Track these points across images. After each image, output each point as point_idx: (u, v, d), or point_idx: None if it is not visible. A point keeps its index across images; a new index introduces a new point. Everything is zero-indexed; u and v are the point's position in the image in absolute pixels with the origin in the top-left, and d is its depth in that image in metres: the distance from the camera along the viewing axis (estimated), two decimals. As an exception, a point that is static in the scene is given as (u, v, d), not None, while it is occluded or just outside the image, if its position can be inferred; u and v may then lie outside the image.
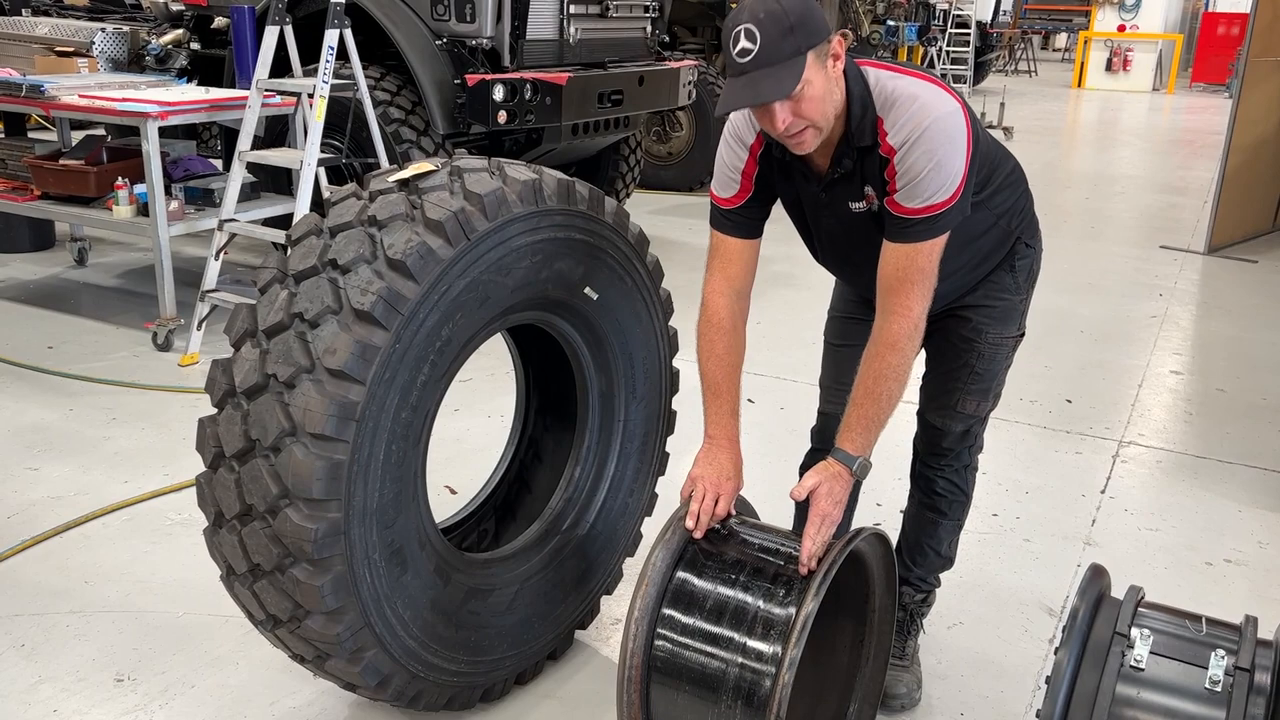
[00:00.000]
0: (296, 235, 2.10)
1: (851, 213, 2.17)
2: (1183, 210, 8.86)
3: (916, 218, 2.03)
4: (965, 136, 2.03)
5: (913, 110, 2.01)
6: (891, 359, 2.08)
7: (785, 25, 1.89)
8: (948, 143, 2.00)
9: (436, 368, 2.06)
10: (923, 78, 2.08)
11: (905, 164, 2.01)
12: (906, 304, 2.06)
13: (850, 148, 2.08)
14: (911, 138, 2.00)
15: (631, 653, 2.02)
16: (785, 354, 4.81)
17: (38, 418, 4.00)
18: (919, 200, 2.02)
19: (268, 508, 1.95)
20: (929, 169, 2.00)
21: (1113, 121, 15.79)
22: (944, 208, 2.03)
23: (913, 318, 2.07)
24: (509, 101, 5.24)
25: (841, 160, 2.10)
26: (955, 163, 2.01)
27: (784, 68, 1.90)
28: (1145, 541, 3.42)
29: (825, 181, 2.15)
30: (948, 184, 2.01)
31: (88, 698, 2.49)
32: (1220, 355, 5.35)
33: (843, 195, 2.16)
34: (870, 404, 2.10)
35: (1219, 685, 1.70)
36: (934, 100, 2.02)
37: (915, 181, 2.01)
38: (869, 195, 2.13)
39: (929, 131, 1.99)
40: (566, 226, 2.26)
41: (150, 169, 4.56)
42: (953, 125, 2.01)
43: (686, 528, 2.11)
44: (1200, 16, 21.26)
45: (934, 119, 2.00)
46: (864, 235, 2.20)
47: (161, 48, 6.01)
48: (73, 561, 3.05)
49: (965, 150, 2.03)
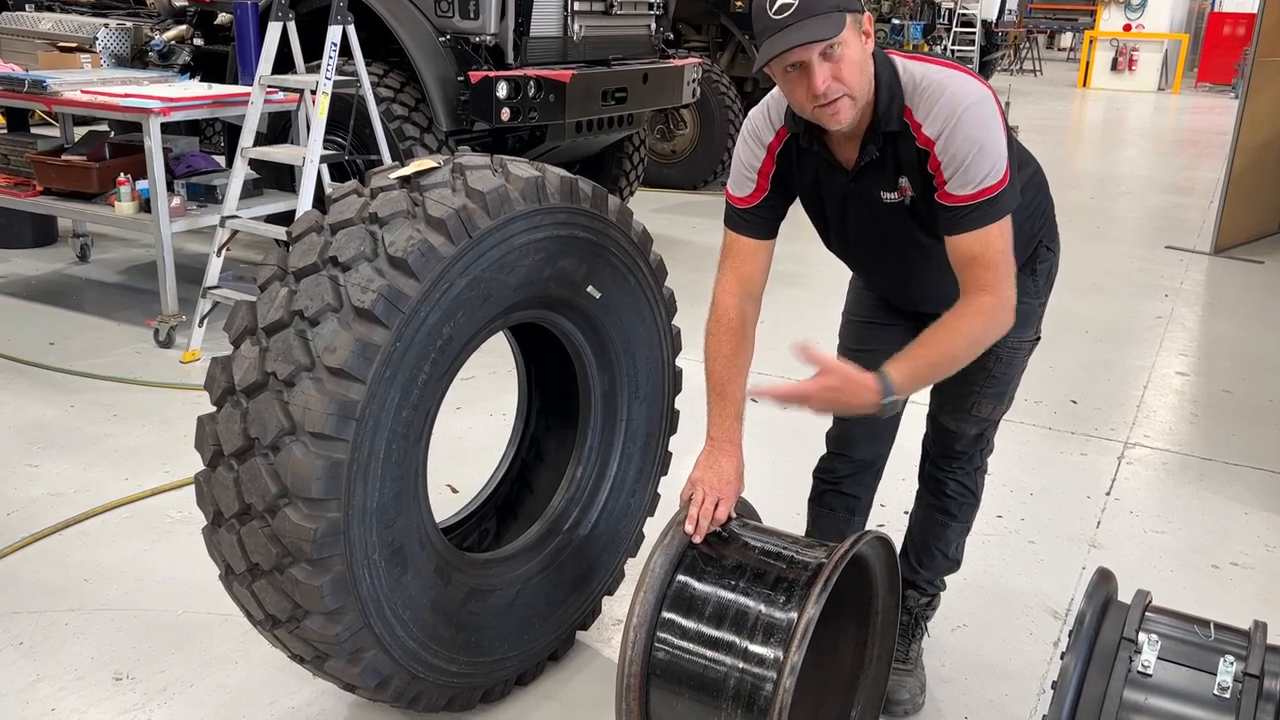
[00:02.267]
0: (297, 232, 2.08)
1: (883, 203, 2.14)
2: (1188, 211, 8.84)
3: (974, 203, 1.99)
4: (999, 120, 2.02)
5: (944, 98, 1.99)
6: (976, 323, 2.00)
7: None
8: (984, 126, 1.98)
9: (438, 366, 2.04)
10: (948, 65, 2.06)
11: (948, 153, 1.98)
12: (994, 282, 2.00)
13: (877, 134, 2.05)
14: (948, 126, 1.97)
15: (630, 660, 2.00)
16: (789, 353, 4.78)
17: (39, 414, 3.99)
18: (972, 186, 1.98)
19: (267, 507, 1.94)
20: (974, 153, 1.97)
21: (1118, 121, 15.76)
22: (999, 189, 1.99)
23: (1001, 296, 2.00)
24: (512, 99, 5.23)
25: (868, 146, 2.07)
26: (998, 144, 1.99)
27: (826, 18, 1.89)
28: (1151, 544, 3.40)
29: (854, 171, 2.12)
30: (996, 165, 1.99)
31: (86, 696, 2.48)
32: (1226, 356, 5.32)
33: (873, 185, 2.13)
34: (935, 350, 2.00)
35: (1227, 691, 1.68)
36: (963, 86, 2.00)
37: (963, 168, 1.98)
38: (903, 187, 2.10)
39: (965, 117, 1.97)
40: (569, 224, 2.24)
41: (153, 165, 4.55)
42: (986, 110, 2.00)
43: (686, 532, 2.08)
44: (1206, 16, 21.21)
45: (967, 105, 1.98)
46: (894, 228, 2.17)
47: (164, 44, 6.01)
48: (72, 559, 3.04)
49: (1002, 134, 2.01)
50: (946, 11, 16.72)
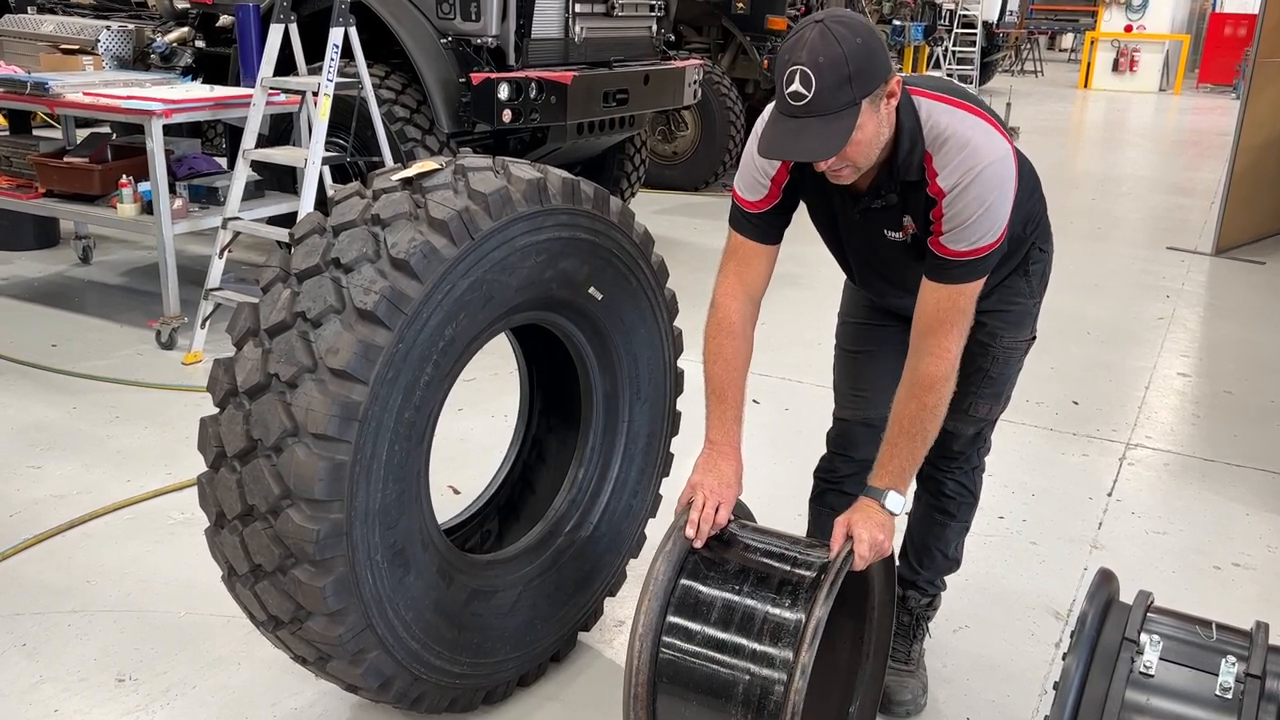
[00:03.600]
0: (299, 234, 2.08)
1: (885, 239, 2.17)
2: (1190, 211, 8.83)
3: (961, 260, 2.02)
4: (1014, 182, 2.02)
5: (965, 154, 1.98)
6: (928, 399, 2.06)
7: (844, 75, 1.82)
8: (997, 189, 1.98)
9: (440, 368, 2.05)
10: (976, 113, 2.04)
11: (955, 208, 1.99)
12: (945, 345, 2.05)
13: (894, 180, 2.05)
14: (963, 183, 1.97)
15: (636, 669, 1.99)
16: (790, 354, 4.79)
17: (41, 416, 4.00)
18: (965, 244, 2.00)
19: (269, 508, 1.94)
20: (979, 214, 1.98)
21: (1119, 122, 15.75)
22: (988, 251, 2.02)
23: (950, 359, 2.05)
24: (514, 100, 5.23)
25: (880, 191, 2.07)
26: (1003, 208, 2.00)
27: (836, 120, 1.85)
28: (1152, 545, 3.40)
29: (861, 207, 2.13)
30: (994, 228, 2.00)
31: (89, 697, 2.48)
32: (1228, 357, 5.32)
33: (878, 222, 2.14)
34: (907, 443, 2.08)
35: (1229, 692, 1.68)
36: (986, 145, 1.99)
37: (963, 226, 1.99)
38: (907, 225, 2.11)
39: (981, 178, 1.97)
40: (571, 226, 2.24)
41: (155, 167, 4.56)
42: (1003, 171, 1.99)
43: (687, 537, 2.08)
44: (1208, 17, 21.20)
45: (986, 165, 1.97)
46: (895, 259, 2.20)
47: (167, 46, 6.01)
48: (75, 560, 3.04)
49: (1012, 196, 2.02)
50: (948, 13, 16.72)
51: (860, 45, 1.83)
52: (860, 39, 1.84)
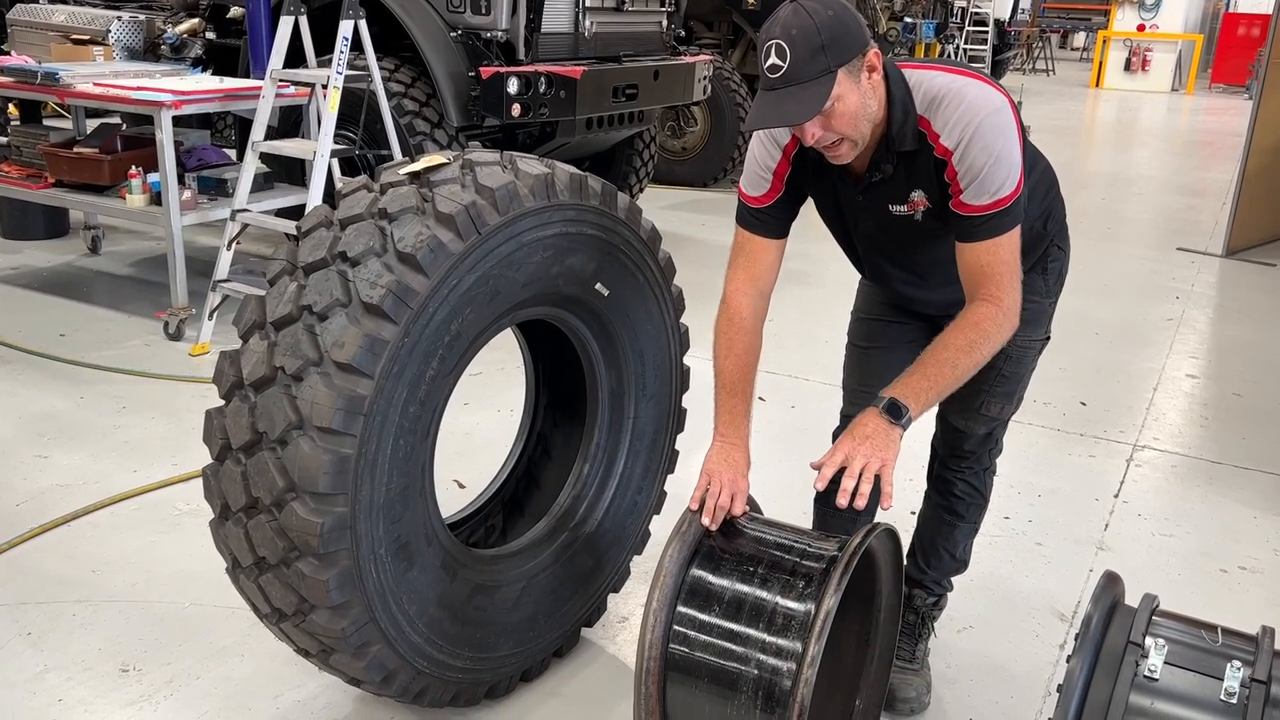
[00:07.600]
0: (306, 227, 2.08)
1: (891, 215, 2.16)
2: (1201, 212, 8.80)
3: (988, 214, 2.01)
4: (1016, 129, 2.02)
5: (962, 110, 1.99)
6: (973, 335, 2.01)
7: (816, 44, 1.87)
8: (1002, 136, 1.99)
9: (445, 362, 2.04)
10: (965, 73, 2.06)
11: (965, 163, 1.99)
12: (996, 293, 2.02)
13: (890, 152, 2.06)
14: (966, 136, 1.98)
15: (650, 644, 1.99)
16: (798, 352, 4.78)
17: (48, 405, 4.01)
18: (987, 196, 2.00)
19: (274, 501, 1.94)
20: (990, 164, 1.98)
21: (1131, 122, 15.69)
22: (1012, 199, 2.01)
23: (1002, 305, 2.02)
24: (523, 95, 5.22)
25: (879, 164, 2.08)
26: (1012, 154, 2.00)
27: (812, 87, 1.88)
28: (1159, 547, 3.38)
29: (862, 185, 2.13)
30: (1010, 176, 2.00)
31: (93, 687, 2.49)
32: (1237, 359, 5.30)
33: (881, 198, 2.14)
34: (934, 366, 2.00)
35: (1234, 697, 1.67)
36: (981, 96, 2.00)
37: (979, 178, 1.99)
38: (914, 201, 2.11)
39: (982, 127, 1.98)
40: (578, 221, 2.24)
41: (164, 158, 4.56)
42: (1004, 119, 2.00)
43: (701, 522, 2.09)
44: (1221, 17, 21.09)
45: (985, 116, 1.98)
46: (902, 238, 2.19)
47: (177, 37, 6.01)
48: (80, 550, 3.05)
49: (1018, 145, 2.02)
50: (959, 10, 16.65)
51: (831, 16, 1.90)
52: (831, 11, 1.90)
